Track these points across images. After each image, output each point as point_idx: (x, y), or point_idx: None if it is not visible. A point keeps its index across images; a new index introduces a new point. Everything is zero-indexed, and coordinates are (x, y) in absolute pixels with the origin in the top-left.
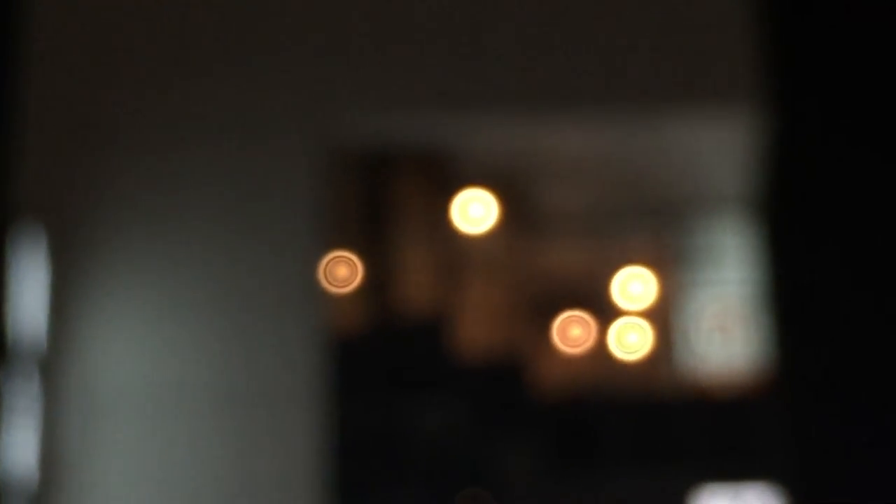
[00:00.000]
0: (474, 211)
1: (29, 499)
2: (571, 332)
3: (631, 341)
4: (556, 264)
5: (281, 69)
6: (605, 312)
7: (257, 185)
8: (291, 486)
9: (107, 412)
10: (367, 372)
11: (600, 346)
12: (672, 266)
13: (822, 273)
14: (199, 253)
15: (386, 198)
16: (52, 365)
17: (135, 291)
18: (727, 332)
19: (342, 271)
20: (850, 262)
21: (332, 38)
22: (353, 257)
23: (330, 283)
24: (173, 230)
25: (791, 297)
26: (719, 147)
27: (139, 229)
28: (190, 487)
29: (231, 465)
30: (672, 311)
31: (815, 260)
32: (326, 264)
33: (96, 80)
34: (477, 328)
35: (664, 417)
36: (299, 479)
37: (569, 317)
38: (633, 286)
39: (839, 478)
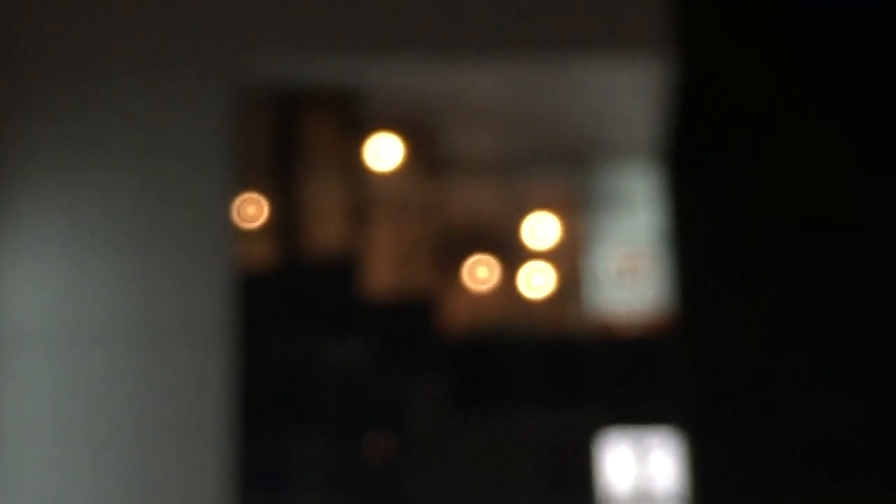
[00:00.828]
0: (384, 152)
1: None
2: (478, 273)
3: (538, 283)
4: (465, 206)
5: (192, 8)
6: (513, 255)
7: (167, 123)
8: (197, 422)
9: (13, 347)
10: (275, 310)
11: (508, 288)
12: (579, 209)
13: (727, 217)
14: (108, 189)
15: (296, 138)
16: None
17: (42, 227)
18: (633, 275)
19: (251, 210)
20: (756, 207)
21: None
22: (263, 196)
23: (240, 222)
24: (82, 167)
25: (696, 242)
26: (627, 92)
27: (47, 166)
28: (94, 422)
29: (137, 400)
30: (579, 254)
31: (720, 204)
32: (237, 203)
33: (1, 18)
34: (385, 268)
35: (571, 359)
36: (205, 414)
37: (476, 259)
38: (541, 229)
39: (741, 423)
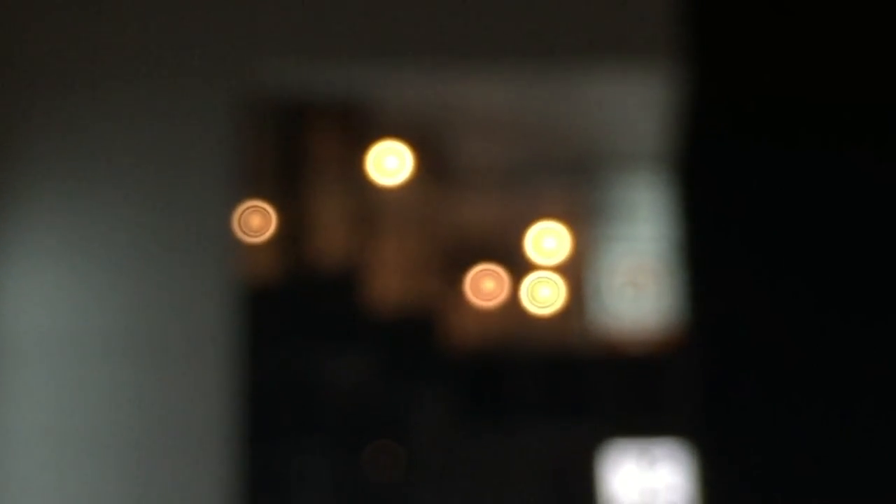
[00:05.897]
0: (389, 163)
1: None
2: (484, 285)
3: (543, 296)
4: (470, 218)
5: (196, 15)
6: (519, 266)
7: (171, 133)
8: (200, 436)
9: (16, 358)
10: (279, 323)
11: (513, 301)
12: (586, 221)
13: (735, 230)
14: (111, 200)
15: (301, 148)
16: None
17: (47, 237)
18: (640, 288)
19: (256, 221)
20: (764, 219)
21: None
22: (267, 207)
23: (244, 233)
24: (85, 177)
25: (704, 254)
26: (635, 102)
27: (48, 175)
28: (98, 435)
29: (142, 414)
30: (585, 266)
31: (728, 217)
32: (240, 214)
33: (4, 21)
34: (390, 281)
35: (576, 372)
36: (208, 428)
37: (481, 270)
38: (547, 241)
39: (750, 436)
